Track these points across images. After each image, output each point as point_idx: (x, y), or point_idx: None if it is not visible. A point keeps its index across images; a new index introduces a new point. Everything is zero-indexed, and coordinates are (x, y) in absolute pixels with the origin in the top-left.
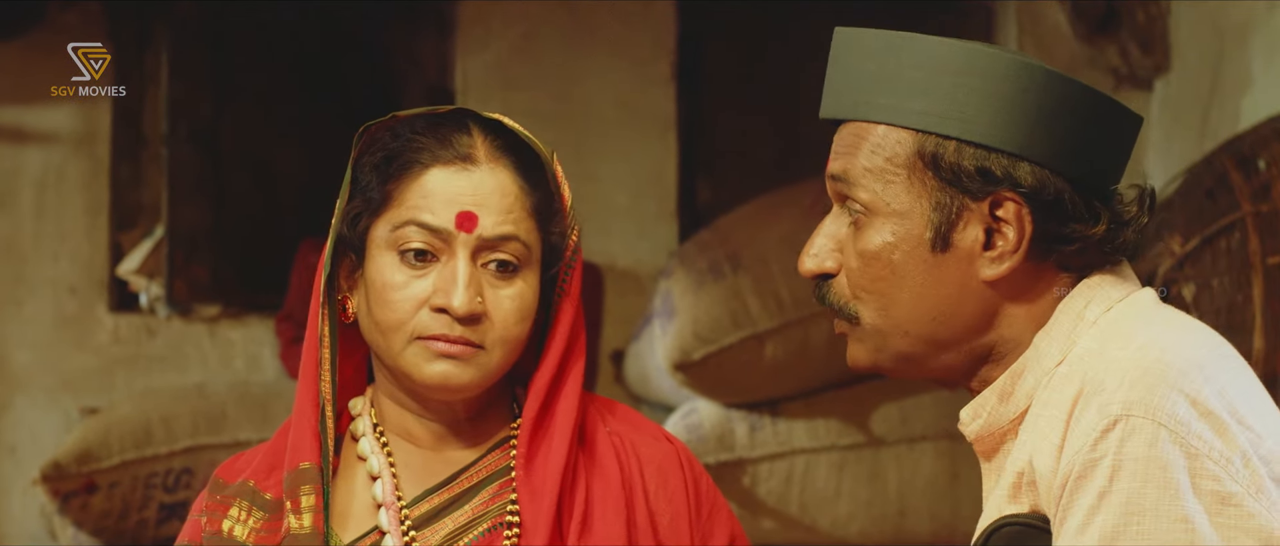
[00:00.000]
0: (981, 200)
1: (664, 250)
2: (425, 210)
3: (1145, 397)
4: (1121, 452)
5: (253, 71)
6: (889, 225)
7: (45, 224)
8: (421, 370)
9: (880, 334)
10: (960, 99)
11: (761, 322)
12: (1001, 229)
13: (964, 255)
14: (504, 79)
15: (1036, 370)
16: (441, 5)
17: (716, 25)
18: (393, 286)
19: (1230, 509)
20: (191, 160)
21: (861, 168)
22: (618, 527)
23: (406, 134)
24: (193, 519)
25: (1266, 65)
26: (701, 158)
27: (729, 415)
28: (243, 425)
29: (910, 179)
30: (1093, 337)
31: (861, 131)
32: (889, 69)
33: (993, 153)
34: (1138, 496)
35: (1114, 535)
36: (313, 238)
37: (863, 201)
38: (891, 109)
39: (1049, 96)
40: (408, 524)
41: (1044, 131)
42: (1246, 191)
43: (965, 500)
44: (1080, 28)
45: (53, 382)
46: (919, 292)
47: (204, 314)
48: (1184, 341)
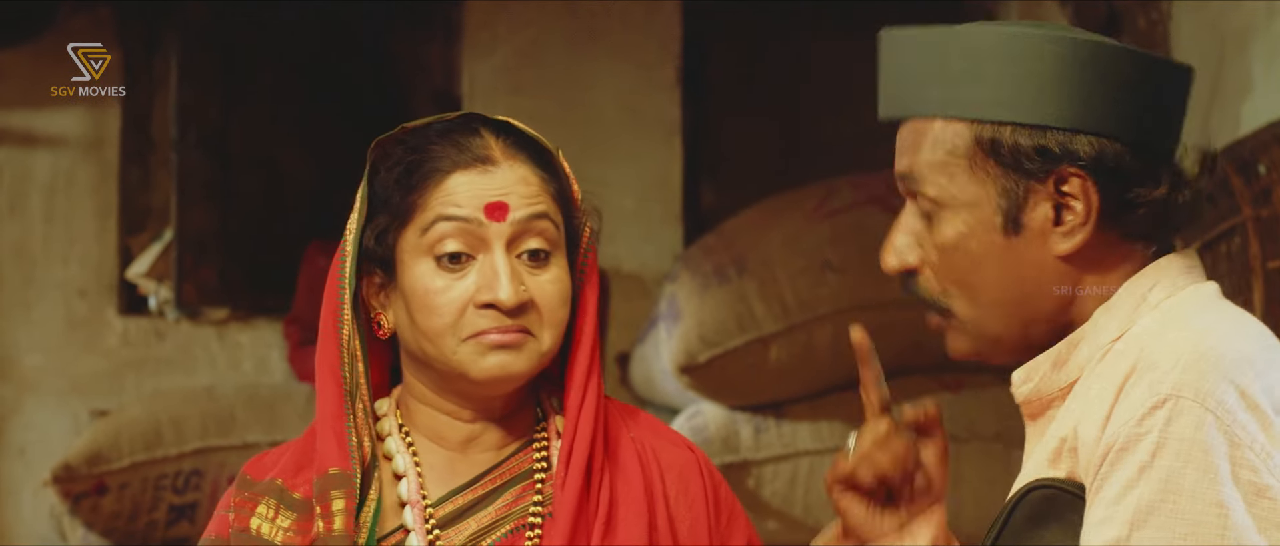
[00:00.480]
0: (1045, 179)
1: (669, 254)
2: (452, 206)
3: (1196, 381)
4: (1167, 431)
5: (261, 76)
6: (960, 216)
7: (55, 227)
8: (478, 365)
9: (975, 322)
10: (1007, 83)
11: (766, 326)
12: (1069, 203)
13: (1037, 234)
14: (510, 84)
15: (1093, 342)
16: (448, 10)
17: (721, 30)
18: (434, 292)
19: (1265, 501)
20: (200, 164)
21: (925, 163)
22: (640, 530)
23: (422, 144)
24: (220, 514)
25: (1267, 71)
26: (706, 162)
27: (734, 417)
28: (252, 427)
29: (973, 168)
30: (1153, 319)
31: (920, 128)
32: (936, 64)
33: (1048, 131)
34: (1177, 475)
35: (1149, 509)
36: (320, 241)
37: (931, 196)
38: (944, 102)
39: (1092, 67)
40: (432, 523)
41: (1095, 103)
42: (1247, 196)
43: (967, 502)
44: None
45: (62, 385)
46: (1000, 276)
47: (212, 317)
48: (1240, 334)
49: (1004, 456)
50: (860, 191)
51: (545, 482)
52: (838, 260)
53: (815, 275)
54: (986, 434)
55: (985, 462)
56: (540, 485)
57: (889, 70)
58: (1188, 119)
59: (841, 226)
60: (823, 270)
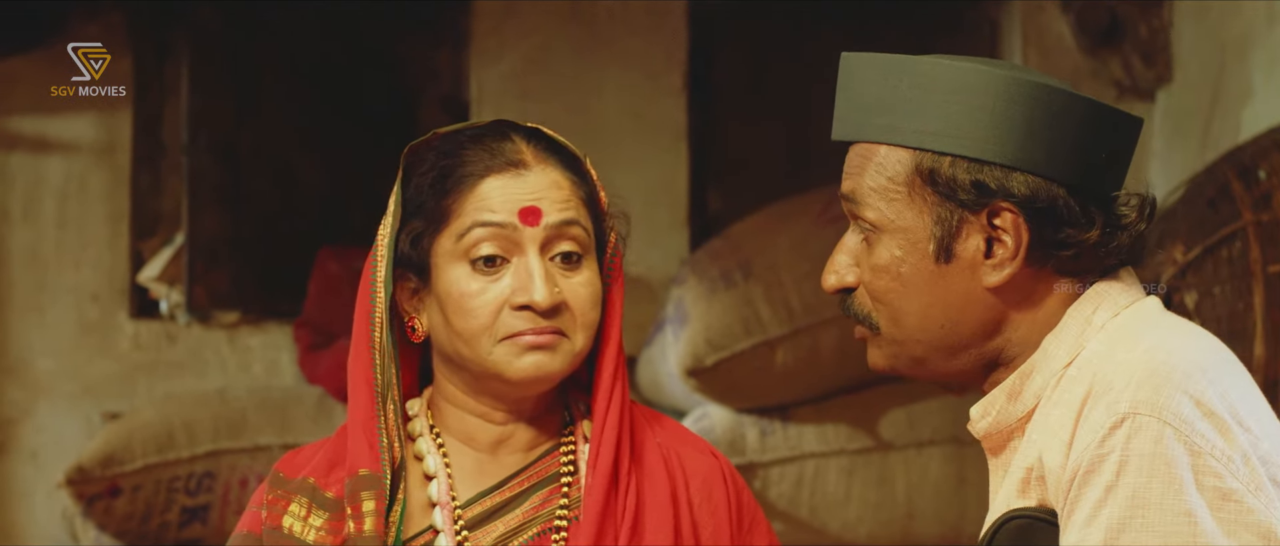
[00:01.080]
0: (979, 211)
1: (675, 258)
2: (487, 211)
3: (1152, 397)
4: (1128, 448)
5: (271, 82)
6: (895, 241)
7: (67, 232)
8: (513, 366)
9: (896, 341)
10: (953, 116)
11: (772, 329)
12: (1000, 237)
13: (967, 264)
14: (518, 90)
15: (1045, 371)
16: (456, 17)
17: (727, 37)
18: (470, 294)
19: (1231, 504)
20: (211, 170)
21: (867, 187)
22: (665, 534)
23: (454, 150)
24: (252, 510)
25: (1267, 77)
26: (712, 167)
27: (740, 420)
28: (263, 430)
29: (911, 195)
30: (1101, 341)
31: (867, 152)
32: (888, 91)
33: (986, 166)
34: (1143, 490)
35: (1120, 527)
36: (331, 246)
37: (870, 220)
38: (890, 129)
39: (1039, 108)
40: (461, 524)
41: (1036, 142)
42: (1247, 201)
43: (972, 503)
44: (1084, 40)
45: (75, 388)
46: (928, 302)
47: (223, 320)
48: (1189, 345)
49: None
50: None
51: (572, 486)
52: None
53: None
54: None
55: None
56: (567, 488)
57: (845, 93)
58: (1188, 125)
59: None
60: None
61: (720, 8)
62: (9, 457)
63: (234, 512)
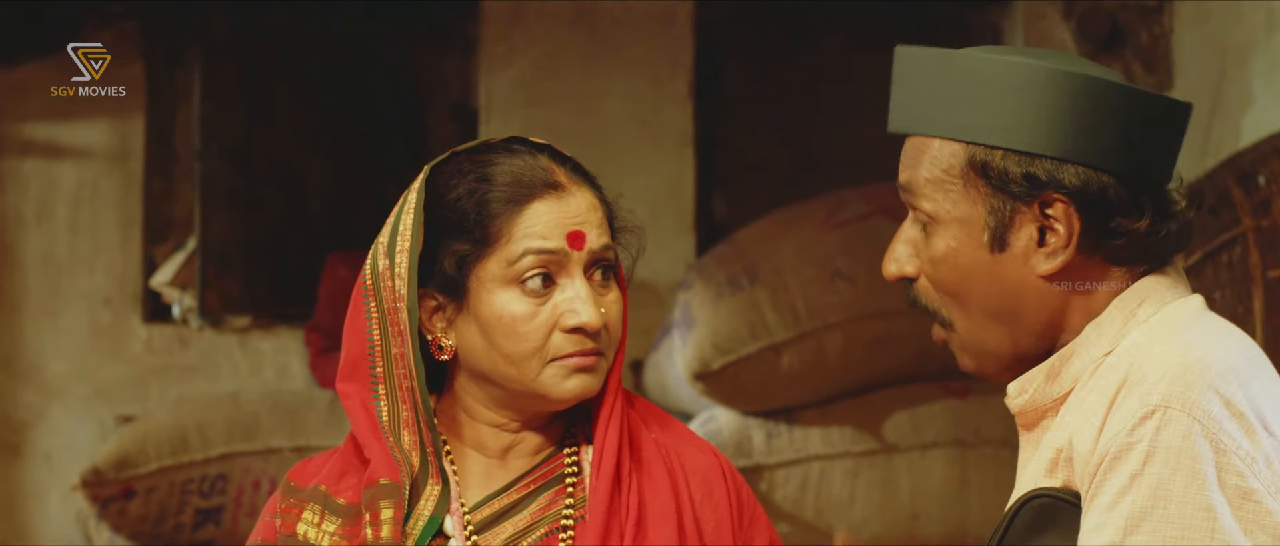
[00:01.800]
0: (1031, 203)
1: (681, 263)
2: (537, 238)
3: (1184, 392)
4: (1157, 440)
5: (282, 90)
6: (951, 231)
7: (80, 237)
8: (561, 387)
9: (970, 335)
10: (1005, 110)
11: (778, 334)
12: (1052, 226)
13: (1021, 253)
14: (526, 97)
15: (1084, 356)
16: (465, 25)
17: (732, 45)
18: (521, 318)
19: (1250, 504)
20: (223, 176)
21: (923, 179)
22: (669, 531)
23: (490, 173)
24: (266, 520)
25: (1266, 85)
26: (717, 173)
27: (747, 422)
28: (275, 433)
29: (965, 187)
30: (1142, 333)
31: (921, 145)
32: (941, 85)
33: (1037, 158)
34: (1167, 482)
35: (1141, 515)
36: (340, 251)
37: (927, 211)
38: (944, 123)
39: (1089, 102)
40: (470, 528)
41: (1086, 135)
42: (1247, 207)
43: (975, 505)
44: (1085, 47)
45: (88, 391)
46: (986, 291)
47: (235, 324)
48: (1225, 346)
49: (1010, 461)
50: (870, 202)
51: (577, 486)
52: (848, 269)
53: (826, 284)
54: (993, 439)
55: (992, 467)
56: (572, 489)
57: (900, 86)
58: (1189, 132)
59: (852, 236)
60: (833, 279)
61: (726, 15)
62: (23, 460)
63: (247, 514)
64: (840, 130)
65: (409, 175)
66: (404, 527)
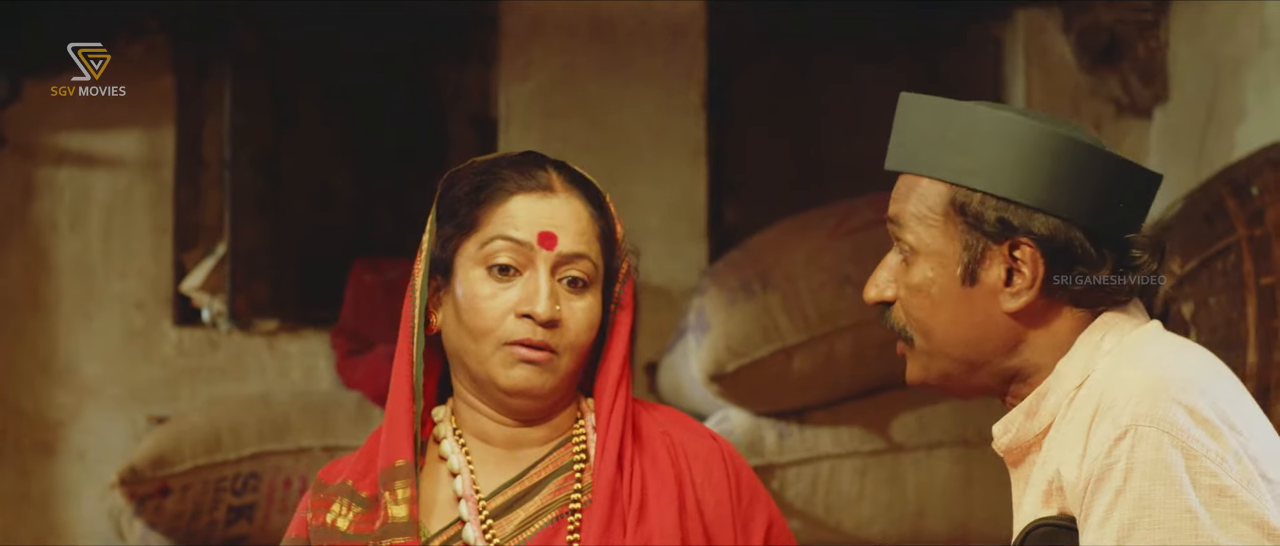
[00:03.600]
0: (1001, 243)
1: (694, 268)
2: (511, 227)
3: (1150, 409)
4: (1132, 457)
5: (309, 101)
6: (929, 263)
7: (113, 243)
8: (506, 375)
9: (927, 354)
10: (988, 158)
11: (790, 337)
12: (1019, 268)
13: (989, 290)
14: (544, 108)
15: (1058, 392)
16: (485, 39)
17: (744, 58)
18: (482, 297)
19: (1226, 499)
20: (252, 184)
21: (909, 213)
22: (671, 514)
23: (490, 168)
24: (299, 516)
25: (1259, 98)
26: (729, 181)
27: (759, 423)
28: (305, 432)
29: (945, 224)
30: (1108, 363)
31: (912, 182)
32: (935, 130)
33: (1012, 205)
34: (1148, 492)
35: (1130, 526)
36: (365, 258)
37: (909, 242)
38: (933, 164)
39: (1065, 159)
40: (485, 514)
41: (1059, 188)
42: (1241, 216)
43: (979, 502)
44: (1084, 59)
45: (121, 392)
46: (953, 320)
47: (263, 328)
48: (1182, 361)
49: None
50: (878, 210)
51: (584, 473)
52: (857, 275)
53: (836, 289)
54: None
55: (995, 465)
56: (579, 476)
57: (899, 127)
58: (1184, 143)
59: (861, 243)
60: (842, 284)
61: (737, 30)
62: (58, 458)
63: (278, 511)
64: (847, 140)
65: (430, 183)
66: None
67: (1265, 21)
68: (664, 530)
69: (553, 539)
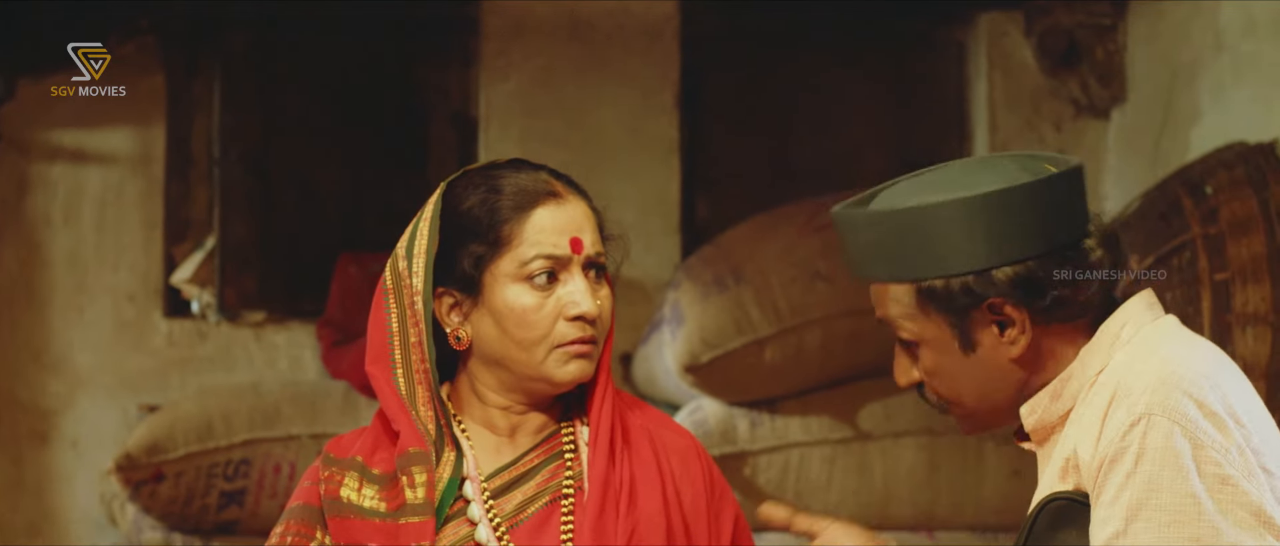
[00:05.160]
0: (979, 307)
1: (668, 263)
2: (546, 244)
3: (1163, 400)
4: (1144, 443)
5: (296, 101)
6: (930, 349)
7: (105, 237)
8: (562, 371)
9: (970, 415)
10: (929, 249)
11: (762, 329)
12: (1006, 318)
13: (990, 346)
14: (523, 108)
15: (1080, 377)
16: (467, 40)
17: (716, 59)
18: (531, 309)
19: (1228, 488)
20: (241, 181)
21: (893, 315)
22: (656, 502)
23: (497, 184)
24: (307, 486)
25: (1213, 100)
26: (701, 178)
27: (732, 412)
28: (295, 420)
29: (924, 314)
30: (1126, 353)
31: (880, 289)
32: (869, 239)
33: (965, 275)
34: (1156, 476)
35: (1138, 505)
36: (350, 252)
37: (908, 335)
38: (888, 271)
39: (996, 213)
40: (487, 493)
41: (1001, 240)
42: (1196, 215)
43: (943, 488)
44: (1044, 62)
45: (112, 382)
46: (975, 382)
47: (251, 319)
48: (1195, 356)
49: (976, 447)
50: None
51: (574, 460)
52: (827, 270)
53: (806, 284)
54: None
55: (959, 454)
56: (570, 462)
57: (847, 242)
58: (1141, 143)
59: (830, 240)
60: (813, 279)
61: (710, 32)
62: (51, 446)
63: (268, 496)
64: (815, 139)
65: (413, 180)
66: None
67: (1219, 27)
68: (651, 517)
69: (548, 519)
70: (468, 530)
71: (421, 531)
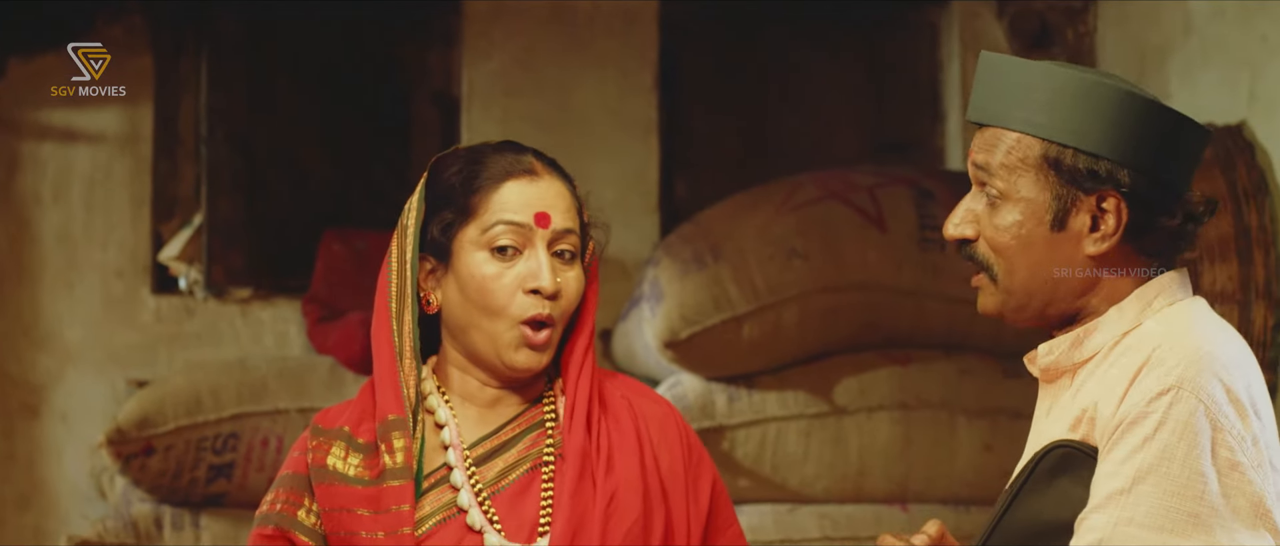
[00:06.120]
0: (1090, 194)
1: (647, 241)
2: (509, 211)
3: (1196, 377)
4: (1168, 414)
5: (282, 81)
6: (1019, 208)
7: (94, 215)
8: (513, 356)
9: (1006, 290)
10: (1078, 117)
11: (739, 306)
12: (1104, 217)
13: (1074, 235)
14: (505, 87)
15: (1105, 332)
16: (448, 20)
17: (694, 40)
18: (491, 277)
19: (1236, 474)
20: (228, 159)
21: (999, 163)
22: (634, 468)
23: (479, 157)
24: (296, 456)
25: (1182, 83)
26: (679, 158)
27: (710, 387)
28: (282, 395)
29: (1037, 175)
30: (1158, 322)
31: (1000, 134)
32: (1022, 88)
33: (1100, 159)
34: (1172, 447)
35: (1148, 470)
36: (335, 229)
37: (999, 189)
38: (1024, 121)
39: (1146, 119)
40: (469, 460)
41: (1141, 145)
42: None
43: (917, 461)
44: (1016, 43)
45: (101, 357)
46: (1038, 261)
47: (237, 296)
48: (1228, 342)
49: (948, 422)
50: (823, 187)
51: (555, 430)
52: (803, 248)
53: (783, 262)
54: (933, 402)
55: (931, 427)
56: (551, 431)
57: (983, 84)
58: None
59: (806, 218)
60: (790, 257)
61: (688, 14)
62: (41, 420)
63: (256, 469)
64: (790, 119)
65: (396, 158)
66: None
67: (1188, 10)
68: (628, 482)
69: (529, 486)
70: (450, 496)
71: (401, 494)
